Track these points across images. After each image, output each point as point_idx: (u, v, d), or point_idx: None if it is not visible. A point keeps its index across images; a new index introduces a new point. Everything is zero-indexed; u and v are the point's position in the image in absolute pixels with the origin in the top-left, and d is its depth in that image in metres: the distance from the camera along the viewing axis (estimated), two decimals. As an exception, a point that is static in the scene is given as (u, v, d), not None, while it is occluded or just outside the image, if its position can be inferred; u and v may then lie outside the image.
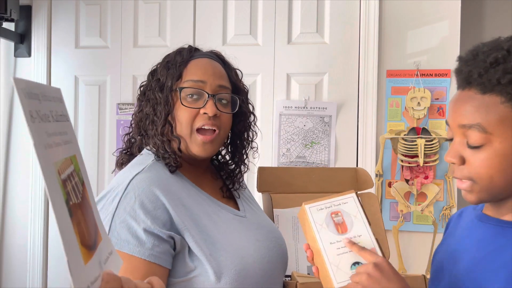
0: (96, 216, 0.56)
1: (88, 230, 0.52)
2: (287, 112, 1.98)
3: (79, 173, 0.55)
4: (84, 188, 0.55)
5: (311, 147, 1.97)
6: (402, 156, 1.85)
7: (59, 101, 0.54)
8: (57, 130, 0.51)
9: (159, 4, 2.08)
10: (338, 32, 1.96)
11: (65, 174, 0.50)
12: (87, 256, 0.51)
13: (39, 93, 0.49)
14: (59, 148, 0.50)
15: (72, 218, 0.49)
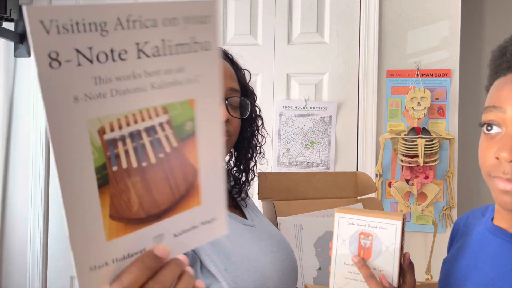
0: (201, 178, 0.47)
1: (147, 200, 0.44)
2: (287, 112, 1.98)
3: (183, 124, 0.44)
4: (181, 147, 0.45)
5: (311, 147, 1.97)
6: (402, 156, 1.85)
7: (173, 24, 0.41)
8: (134, 71, 0.40)
9: (159, 4, 2.08)
10: (338, 32, 1.96)
11: (125, 131, 0.41)
12: (124, 229, 0.44)
13: (103, 20, 0.37)
14: (125, 97, 0.40)
15: (105, 188, 0.41)
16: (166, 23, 0.40)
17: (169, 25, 0.41)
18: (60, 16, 0.35)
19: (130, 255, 0.45)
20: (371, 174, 1.90)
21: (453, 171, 1.87)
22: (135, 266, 0.46)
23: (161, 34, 0.41)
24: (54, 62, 0.36)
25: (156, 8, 0.40)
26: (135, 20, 0.39)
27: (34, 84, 2.11)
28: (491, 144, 0.68)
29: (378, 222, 0.75)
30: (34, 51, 0.35)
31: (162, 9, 0.40)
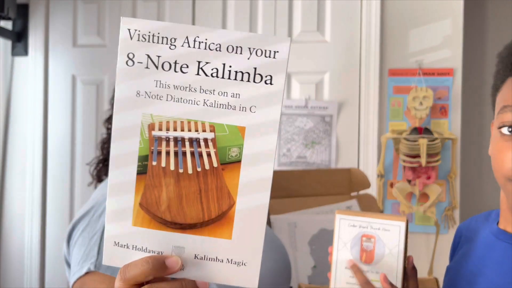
0: (237, 212, 0.48)
1: (175, 206, 0.47)
2: (287, 112, 1.96)
3: (229, 148, 0.47)
4: (221, 170, 0.47)
5: (311, 147, 1.95)
6: (404, 156, 1.83)
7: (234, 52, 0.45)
8: (191, 85, 0.45)
9: (157, 3, 2.06)
10: (339, 31, 1.94)
11: (171, 134, 0.46)
12: (148, 223, 0.48)
13: (174, 37, 0.45)
14: (178, 105, 0.46)
15: (142, 176, 0.47)
16: (230, 50, 0.45)
17: (232, 52, 0.45)
18: (142, 28, 0.45)
19: (148, 250, 0.48)
20: (372, 175, 1.88)
21: (456, 171, 1.85)
22: (142, 264, 0.47)
23: (223, 58, 0.45)
24: (129, 61, 0.45)
25: (222, 34, 0.45)
26: (201, 41, 0.45)
27: (31, 83, 2.09)
28: (511, 146, 0.64)
29: (381, 224, 0.70)
30: (119, 49, 0.45)
31: (228, 37, 0.45)
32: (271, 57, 0.45)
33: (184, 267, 0.49)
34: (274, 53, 0.45)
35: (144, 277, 0.47)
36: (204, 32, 0.45)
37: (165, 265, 0.48)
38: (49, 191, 2.10)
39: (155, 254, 0.48)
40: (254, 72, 0.46)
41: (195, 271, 0.49)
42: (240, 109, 0.46)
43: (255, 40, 0.45)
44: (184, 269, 0.49)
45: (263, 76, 0.46)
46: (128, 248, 0.48)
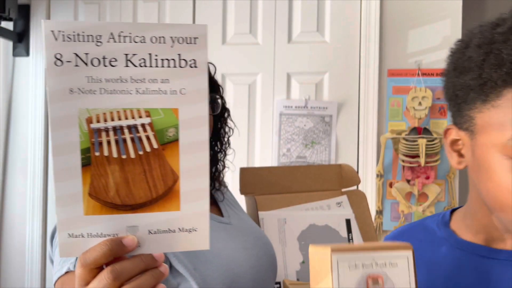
0: (182, 185, 0.52)
1: (123, 189, 0.50)
2: (287, 112, 1.97)
3: (166, 129, 0.51)
4: (161, 150, 0.51)
5: (311, 147, 1.96)
6: (403, 156, 1.84)
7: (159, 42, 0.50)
8: (121, 76, 0.49)
9: (158, 3, 2.07)
10: (339, 31, 1.95)
11: (109, 124, 0.49)
12: (100, 209, 0.50)
13: (98, 34, 0.48)
14: (112, 96, 0.49)
15: (87, 167, 0.49)
16: (154, 40, 0.49)
17: (156, 42, 0.49)
18: (66, 28, 0.47)
19: (103, 235, 0.51)
20: (372, 174, 1.88)
21: (455, 171, 1.85)
22: (100, 246, 0.50)
23: (148, 49, 0.49)
24: (58, 61, 0.47)
25: (145, 27, 0.49)
26: (125, 35, 0.49)
27: (32, 83, 2.10)
28: None
29: (386, 257, 0.55)
30: (45, 51, 0.47)
31: (151, 29, 0.49)
32: (192, 43, 0.50)
33: (141, 244, 0.52)
34: (194, 39, 0.50)
35: (105, 259, 0.50)
36: (127, 27, 0.49)
37: (123, 244, 0.50)
38: (50, 191, 2.11)
39: (111, 237, 0.51)
40: (179, 58, 0.50)
41: (151, 245, 0.52)
42: (171, 92, 0.50)
43: (175, 30, 0.50)
44: (141, 246, 0.52)
45: (187, 61, 0.50)
46: (84, 237, 0.50)
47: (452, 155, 0.63)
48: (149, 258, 0.52)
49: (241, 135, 1.94)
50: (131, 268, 0.51)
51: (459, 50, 0.61)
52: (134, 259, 0.51)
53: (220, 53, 1.98)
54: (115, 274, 0.50)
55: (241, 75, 2.00)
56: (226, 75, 1.99)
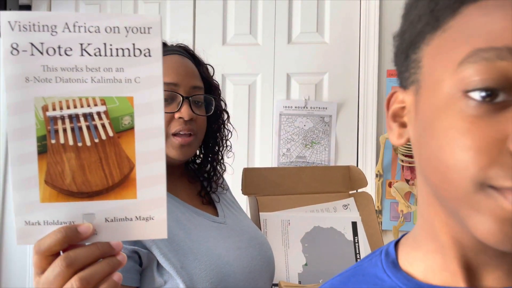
0: (138, 174, 0.52)
1: (80, 177, 0.51)
2: (287, 112, 1.98)
3: (121, 117, 0.51)
4: (117, 138, 0.51)
5: (311, 147, 1.97)
6: (403, 156, 1.85)
7: (112, 32, 0.51)
8: (76, 65, 0.50)
9: (158, 4, 2.08)
10: (338, 32, 1.95)
11: (65, 112, 0.50)
12: (56, 197, 0.51)
13: (54, 24, 0.49)
14: (67, 85, 0.50)
15: (44, 155, 0.50)
16: (108, 30, 0.50)
17: (111, 32, 0.50)
18: (22, 18, 0.48)
19: (59, 222, 0.51)
20: (371, 174, 1.89)
21: (454, 171, 1.86)
22: (55, 234, 0.50)
23: (103, 38, 0.50)
24: (14, 51, 0.48)
25: (100, 18, 0.50)
26: (80, 26, 0.50)
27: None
28: (491, 124, 0.36)
29: None
30: (2, 41, 0.47)
31: (105, 19, 0.50)
32: (146, 32, 0.51)
33: (97, 231, 0.52)
34: (148, 29, 0.51)
35: (59, 246, 0.50)
36: (82, 17, 0.50)
37: (78, 232, 0.51)
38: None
39: (67, 224, 0.51)
40: (133, 48, 0.51)
41: (108, 233, 0.53)
42: (126, 81, 0.51)
43: (129, 20, 0.51)
44: (98, 234, 0.52)
45: (141, 50, 0.51)
46: (40, 224, 0.51)
47: (392, 127, 0.47)
48: (105, 246, 0.52)
49: (241, 135, 1.95)
50: (85, 255, 0.51)
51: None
52: (90, 247, 0.51)
53: (220, 53, 1.99)
54: (68, 261, 0.50)
55: (241, 76, 2.01)
56: (226, 75, 2.00)
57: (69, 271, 0.50)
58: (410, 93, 0.45)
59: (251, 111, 2.01)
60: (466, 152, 0.36)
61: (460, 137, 0.37)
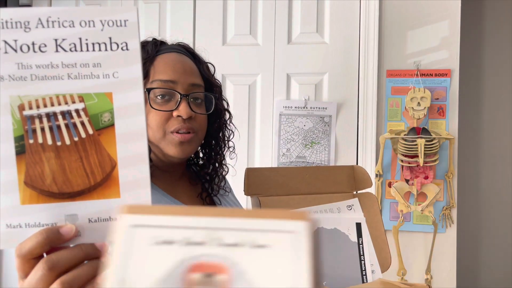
0: (121, 172, 0.50)
1: (60, 177, 0.49)
2: (287, 112, 1.98)
3: (100, 114, 0.50)
4: (97, 136, 0.50)
5: (311, 147, 1.97)
6: (402, 156, 1.85)
7: (83, 26, 0.49)
8: (52, 62, 0.48)
9: (159, 4, 2.08)
10: (338, 32, 1.96)
11: (42, 110, 0.48)
12: (37, 198, 0.49)
13: (26, 20, 0.47)
14: (43, 82, 0.48)
15: (22, 155, 0.48)
16: (83, 25, 0.48)
17: (86, 26, 0.48)
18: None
19: (41, 224, 0.49)
20: (371, 174, 1.90)
21: (453, 171, 1.87)
22: (36, 236, 0.48)
23: (78, 33, 0.48)
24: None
25: (74, 11, 0.48)
26: (54, 20, 0.48)
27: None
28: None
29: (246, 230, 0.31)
30: None
31: (79, 13, 0.48)
32: (122, 25, 0.49)
33: (81, 232, 0.50)
34: (124, 22, 0.49)
35: (41, 249, 0.48)
36: (55, 12, 0.48)
37: (60, 234, 0.49)
38: None
39: (49, 226, 0.49)
40: (110, 41, 0.49)
41: (92, 234, 0.51)
42: (104, 76, 0.49)
43: (104, 13, 0.49)
44: (81, 235, 0.50)
45: (118, 44, 0.49)
46: (22, 227, 0.49)
47: None
48: (89, 248, 0.50)
49: (241, 135, 1.95)
50: (68, 258, 0.49)
51: None
52: (73, 249, 0.49)
53: (220, 53, 1.99)
54: (50, 264, 0.48)
55: (241, 76, 2.01)
56: (226, 75, 2.00)
57: (51, 275, 0.48)
58: None
59: (251, 111, 2.01)
60: None
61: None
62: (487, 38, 2.22)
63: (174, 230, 0.30)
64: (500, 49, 2.22)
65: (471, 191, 2.21)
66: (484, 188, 2.22)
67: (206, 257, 0.29)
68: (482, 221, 2.21)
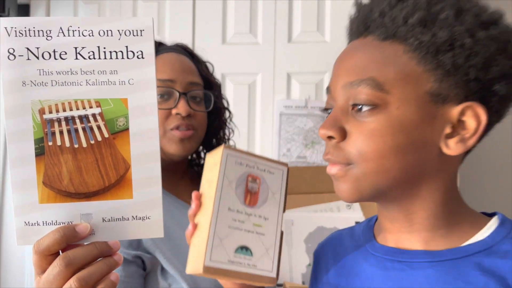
0: (134, 174, 0.53)
1: (77, 178, 0.52)
2: (287, 112, 1.96)
3: (116, 119, 0.53)
4: (112, 139, 0.53)
5: (311, 147, 1.96)
6: (404, 156, 1.83)
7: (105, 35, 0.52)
8: (71, 69, 0.51)
9: (158, 3, 2.07)
10: (339, 31, 1.94)
11: (61, 114, 0.51)
12: (54, 198, 0.52)
13: (48, 29, 0.50)
14: (63, 88, 0.51)
15: (41, 157, 0.51)
16: (102, 34, 0.52)
17: (104, 35, 0.52)
18: (18, 24, 0.50)
19: (58, 223, 0.52)
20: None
21: (455, 171, 1.85)
22: (54, 233, 0.51)
23: (97, 42, 0.52)
24: (11, 56, 0.50)
25: (93, 22, 0.52)
26: (74, 30, 0.51)
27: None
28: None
29: (266, 165, 0.64)
30: (0, 47, 0.50)
31: (98, 23, 0.52)
32: (139, 35, 0.52)
33: (95, 231, 0.54)
34: (140, 32, 0.53)
35: (58, 246, 0.51)
36: (76, 22, 0.52)
37: (76, 232, 0.52)
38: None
39: (65, 224, 0.53)
40: (126, 50, 0.53)
41: (105, 233, 0.54)
42: (120, 83, 0.53)
43: (122, 23, 0.52)
44: (95, 233, 0.54)
45: (134, 52, 0.53)
46: (39, 225, 0.52)
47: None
48: (103, 246, 0.53)
49: (241, 135, 1.94)
50: (84, 255, 0.51)
51: None
52: (88, 246, 0.52)
53: (220, 52, 1.98)
54: (67, 261, 0.50)
55: (241, 75, 2.00)
56: (226, 75, 1.99)
57: (68, 271, 0.50)
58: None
59: (251, 111, 1.99)
60: None
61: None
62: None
63: (244, 160, 0.61)
64: (502, 48, 2.20)
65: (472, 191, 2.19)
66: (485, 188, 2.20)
67: (253, 172, 0.60)
68: (485, 222, 2.19)
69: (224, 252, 0.59)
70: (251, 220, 0.62)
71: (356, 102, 0.53)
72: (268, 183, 0.65)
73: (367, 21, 0.56)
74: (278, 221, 0.65)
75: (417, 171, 0.53)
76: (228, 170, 0.61)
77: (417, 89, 0.50)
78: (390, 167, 0.51)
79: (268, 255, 0.62)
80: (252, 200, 0.63)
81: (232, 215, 0.61)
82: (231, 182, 0.62)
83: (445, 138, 0.52)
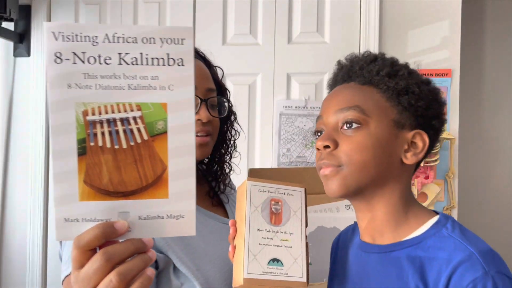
0: (170, 174, 0.56)
1: (116, 177, 0.55)
2: (287, 112, 1.97)
3: (155, 122, 0.55)
4: (151, 141, 0.55)
5: (311, 147, 1.97)
6: (403, 156, 1.85)
7: (147, 42, 0.54)
8: (115, 73, 0.53)
9: (158, 4, 2.08)
10: (339, 32, 1.95)
11: (103, 117, 0.54)
12: (94, 196, 0.54)
13: (95, 35, 0.53)
14: (106, 91, 0.53)
15: (83, 156, 0.54)
16: (145, 41, 0.54)
17: (147, 42, 0.54)
18: (65, 29, 0.52)
19: (97, 220, 0.55)
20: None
21: (454, 171, 1.86)
22: (94, 230, 0.53)
23: (140, 48, 0.54)
24: (57, 59, 0.52)
25: (136, 29, 0.54)
26: (119, 37, 0.53)
27: (33, 84, 2.10)
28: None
29: (285, 189, 0.80)
30: (46, 50, 0.51)
31: (142, 30, 0.54)
32: (180, 43, 0.55)
33: (131, 228, 0.56)
34: (181, 40, 0.55)
35: (97, 242, 0.53)
36: (121, 28, 0.54)
37: (114, 228, 0.54)
38: (51, 191, 2.11)
39: (103, 221, 0.55)
40: (168, 57, 0.55)
41: (141, 230, 0.56)
42: (160, 88, 0.55)
43: (164, 31, 0.55)
44: (131, 231, 0.56)
45: (175, 60, 0.55)
46: (78, 221, 0.54)
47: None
48: (139, 242, 0.55)
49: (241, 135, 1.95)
50: (122, 250, 0.53)
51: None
52: (125, 243, 0.54)
53: (220, 53, 1.99)
54: (107, 256, 0.52)
55: (241, 75, 2.01)
56: (226, 75, 1.99)
57: (107, 266, 0.52)
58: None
59: (251, 111, 2.00)
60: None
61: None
62: (488, 38, 2.22)
63: (265, 188, 0.77)
64: (501, 48, 2.22)
65: (472, 191, 2.20)
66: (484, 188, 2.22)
67: (275, 197, 0.76)
68: (483, 221, 2.20)
69: (259, 265, 0.71)
70: (278, 237, 0.75)
71: (347, 120, 0.73)
72: (289, 204, 0.78)
73: (350, 73, 0.78)
74: (302, 234, 0.77)
75: (385, 173, 0.73)
76: (253, 198, 0.76)
77: (387, 117, 0.73)
78: (370, 168, 0.71)
79: (297, 264, 0.73)
80: (277, 220, 0.76)
81: (261, 234, 0.74)
82: (257, 207, 0.76)
83: (404, 152, 0.74)
